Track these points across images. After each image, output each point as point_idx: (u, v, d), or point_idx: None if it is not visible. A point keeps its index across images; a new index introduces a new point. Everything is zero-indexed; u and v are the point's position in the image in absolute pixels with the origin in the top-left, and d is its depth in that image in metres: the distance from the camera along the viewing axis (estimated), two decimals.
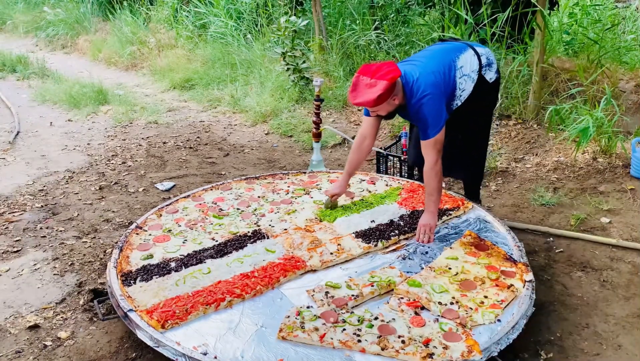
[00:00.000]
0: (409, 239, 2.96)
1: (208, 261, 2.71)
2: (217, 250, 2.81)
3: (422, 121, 2.80)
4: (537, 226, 3.44)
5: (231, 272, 2.61)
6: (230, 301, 2.39)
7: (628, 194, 3.81)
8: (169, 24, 8.47)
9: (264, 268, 2.64)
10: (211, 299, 2.38)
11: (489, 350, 2.13)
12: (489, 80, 3.04)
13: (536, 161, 4.36)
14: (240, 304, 2.42)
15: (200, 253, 2.79)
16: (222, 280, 2.54)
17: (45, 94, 6.58)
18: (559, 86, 5.00)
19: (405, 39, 6.37)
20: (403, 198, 3.37)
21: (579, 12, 6.16)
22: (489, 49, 3.11)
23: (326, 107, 5.77)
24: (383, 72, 2.67)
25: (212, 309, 2.35)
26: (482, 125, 3.26)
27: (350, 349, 2.13)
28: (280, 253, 2.78)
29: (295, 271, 2.62)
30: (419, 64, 2.88)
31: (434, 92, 2.77)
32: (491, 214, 3.20)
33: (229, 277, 2.56)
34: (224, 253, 2.79)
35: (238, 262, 2.70)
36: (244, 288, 2.47)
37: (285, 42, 5.93)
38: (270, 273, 2.58)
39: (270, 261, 2.70)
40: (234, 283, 2.51)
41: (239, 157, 4.78)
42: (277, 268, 2.62)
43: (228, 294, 2.42)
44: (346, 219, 3.12)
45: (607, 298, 2.77)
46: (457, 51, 2.99)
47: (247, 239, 2.91)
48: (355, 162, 3.14)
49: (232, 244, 2.87)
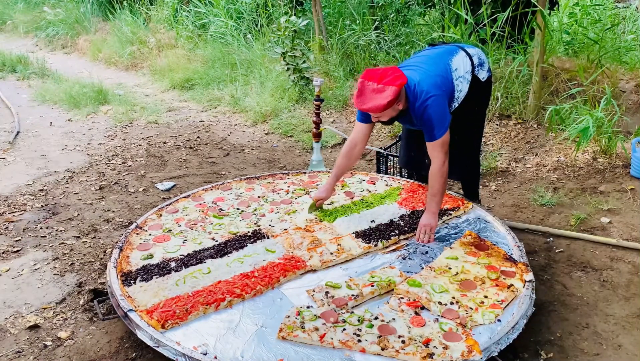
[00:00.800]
0: (409, 239, 2.96)
1: (208, 261, 2.71)
2: (217, 250, 2.81)
3: (427, 123, 2.80)
4: (537, 226, 3.44)
5: (231, 272, 2.61)
6: (230, 301, 2.39)
7: (628, 194, 3.81)
8: (169, 24, 8.47)
9: (264, 267, 2.64)
10: (211, 299, 2.38)
11: (489, 350, 2.13)
12: (482, 79, 3.06)
13: (536, 161, 4.36)
14: (240, 304, 2.42)
15: (200, 253, 2.79)
16: (222, 280, 2.54)
17: (45, 94, 6.58)
18: (559, 86, 5.01)
19: (405, 39, 6.37)
20: (403, 198, 3.37)
21: (579, 12, 6.17)
22: (479, 49, 3.14)
23: (326, 107, 5.77)
24: (390, 78, 2.67)
25: (212, 309, 2.35)
26: (477, 124, 3.27)
27: (350, 349, 2.13)
28: (280, 253, 2.78)
29: (295, 271, 2.62)
30: (417, 69, 2.89)
31: (437, 93, 2.78)
32: (491, 214, 3.20)
33: (229, 277, 2.56)
34: (224, 252, 2.78)
35: (238, 262, 2.70)
36: (244, 287, 2.47)
37: (285, 42, 5.93)
38: (270, 273, 2.58)
39: (270, 261, 2.70)
40: (234, 283, 2.51)
41: (239, 157, 4.78)
42: (277, 268, 2.62)
43: (228, 294, 2.42)
44: (346, 219, 3.12)
45: (607, 298, 2.77)
46: (449, 54, 3.01)
47: (247, 239, 2.91)
48: (343, 167, 3.14)
49: (232, 244, 2.87)
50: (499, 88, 5.00)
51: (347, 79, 6.10)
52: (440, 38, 5.69)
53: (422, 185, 3.51)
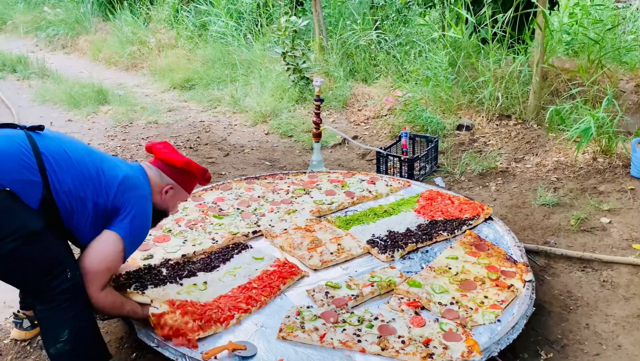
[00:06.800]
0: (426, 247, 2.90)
1: (200, 274, 2.60)
2: (204, 263, 2.69)
3: None
4: (568, 250, 3.18)
5: (226, 286, 2.51)
6: (238, 318, 2.31)
7: (628, 194, 3.81)
8: (169, 24, 8.47)
9: (260, 277, 2.57)
10: (222, 317, 2.29)
11: (489, 350, 2.13)
12: None
13: (536, 161, 4.36)
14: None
15: (187, 263, 2.69)
16: (223, 295, 2.45)
17: (45, 94, 6.57)
18: (559, 86, 5.01)
19: (405, 39, 6.37)
20: (421, 206, 3.30)
21: (580, 12, 6.17)
22: None
23: (326, 107, 5.77)
24: None
25: (222, 328, 2.25)
26: None
27: (350, 349, 2.13)
28: (269, 259, 2.73)
29: (293, 277, 2.57)
30: None
31: None
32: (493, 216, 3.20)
33: (228, 291, 2.48)
34: (212, 266, 2.67)
35: (230, 275, 2.61)
36: (249, 301, 2.40)
37: (286, 42, 5.93)
38: (269, 283, 2.52)
39: (263, 269, 2.64)
40: (236, 297, 2.43)
41: (239, 157, 4.78)
42: (274, 277, 2.56)
43: (235, 310, 2.34)
44: (361, 227, 3.05)
45: (607, 298, 2.77)
46: None
47: (231, 250, 2.82)
48: None
49: (217, 257, 2.76)
50: (499, 88, 5.00)
51: (347, 79, 6.10)
52: (441, 38, 5.69)
53: (440, 192, 3.47)
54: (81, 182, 2.01)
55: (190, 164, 2.34)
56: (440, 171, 4.35)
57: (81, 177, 2.02)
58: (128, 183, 2.14)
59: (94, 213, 2.06)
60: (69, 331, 1.98)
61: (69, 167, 2.00)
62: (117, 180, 2.11)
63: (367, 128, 5.34)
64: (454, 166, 4.36)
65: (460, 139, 4.80)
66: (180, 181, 2.35)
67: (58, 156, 1.99)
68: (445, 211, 3.22)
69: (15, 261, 1.89)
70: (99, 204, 2.06)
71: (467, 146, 4.72)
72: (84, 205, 2.02)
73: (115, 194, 2.09)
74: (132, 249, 2.17)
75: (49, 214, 1.96)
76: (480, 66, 5.13)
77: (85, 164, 2.06)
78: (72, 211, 2.00)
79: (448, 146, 4.71)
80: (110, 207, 2.09)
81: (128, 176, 2.15)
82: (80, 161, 2.05)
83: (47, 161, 1.95)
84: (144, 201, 2.18)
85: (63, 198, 1.97)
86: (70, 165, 2.01)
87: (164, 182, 2.31)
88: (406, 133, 4.15)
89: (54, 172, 1.95)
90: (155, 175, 2.30)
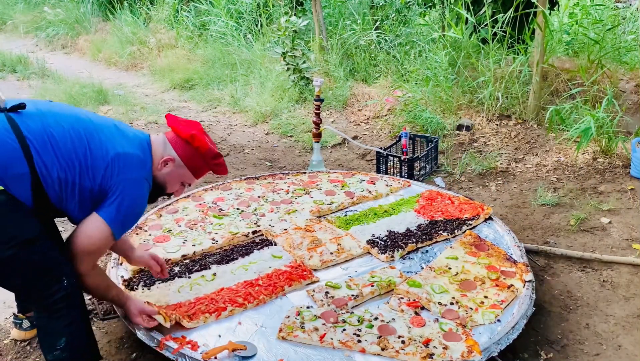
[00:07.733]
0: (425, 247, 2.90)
1: (213, 267, 2.66)
2: (222, 255, 2.76)
3: None
4: (568, 250, 3.23)
5: (235, 279, 2.55)
6: (232, 310, 2.34)
7: (628, 194, 3.81)
8: (169, 24, 8.47)
9: (269, 275, 2.58)
10: (212, 308, 2.32)
11: (489, 350, 2.13)
12: None
13: (536, 161, 4.36)
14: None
15: (205, 258, 2.75)
16: (225, 288, 2.48)
17: (45, 94, 6.57)
18: (559, 86, 5.01)
19: (405, 39, 6.37)
20: (421, 206, 3.30)
21: (579, 12, 6.17)
22: None
23: (326, 107, 5.77)
24: None
25: (213, 318, 2.29)
26: None
27: (350, 349, 2.13)
28: (287, 260, 2.74)
29: (302, 281, 2.56)
30: None
31: None
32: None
33: (233, 284, 2.51)
34: (230, 258, 2.73)
35: (243, 269, 2.65)
36: (247, 296, 2.41)
37: (286, 42, 5.93)
38: (275, 282, 2.52)
39: (276, 268, 2.65)
40: (237, 291, 2.45)
41: (239, 157, 4.78)
42: (282, 277, 2.56)
43: (230, 303, 2.36)
44: (361, 227, 3.05)
45: (607, 298, 2.77)
46: None
47: (254, 246, 2.86)
48: None
49: (239, 250, 2.82)
50: (499, 88, 5.00)
51: (347, 79, 6.10)
52: (441, 38, 5.69)
53: (440, 192, 3.47)
54: (68, 164, 1.92)
55: (196, 137, 2.14)
56: (440, 171, 4.35)
57: (67, 158, 1.92)
58: (118, 163, 2.00)
59: (79, 195, 1.97)
60: (65, 339, 1.98)
61: (55, 149, 1.90)
62: (105, 160, 1.97)
63: (367, 128, 5.34)
64: (454, 166, 4.36)
65: (460, 139, 4.80)
66: (184, 156, 2.15)
67: (43, 138, 1.88)
68: (445, 211, 3.22)
69: (12, 267, 1.87)
70: (85, 186, 1.96)
71: (467, 146, 4.72)
72: (72, 189, 1.94)
73: (103, 177, 1.97)
74: (123, 231, 2.09)
75: (40, 202, 1.90)
76: (480, 66, 5.13)
77: (72, 141, 1.93)
78: (61, 194, 1.93)
79: (448, 146, 4.71)
80: (97, 190, 1.99)
81: (119, 155, 2.00)
82: (67, 140, 1.93)
83: (32, 146, 1.85)
84: (134, 183, 2.04)
85: (51, 183, 1.89)
86: (56, 147, 1.90)
87: (166, 153, 2.15)
88: (406, 133, 4.15)
89: (40, 158, 1.86)
90: (160, 145, 2.15)
